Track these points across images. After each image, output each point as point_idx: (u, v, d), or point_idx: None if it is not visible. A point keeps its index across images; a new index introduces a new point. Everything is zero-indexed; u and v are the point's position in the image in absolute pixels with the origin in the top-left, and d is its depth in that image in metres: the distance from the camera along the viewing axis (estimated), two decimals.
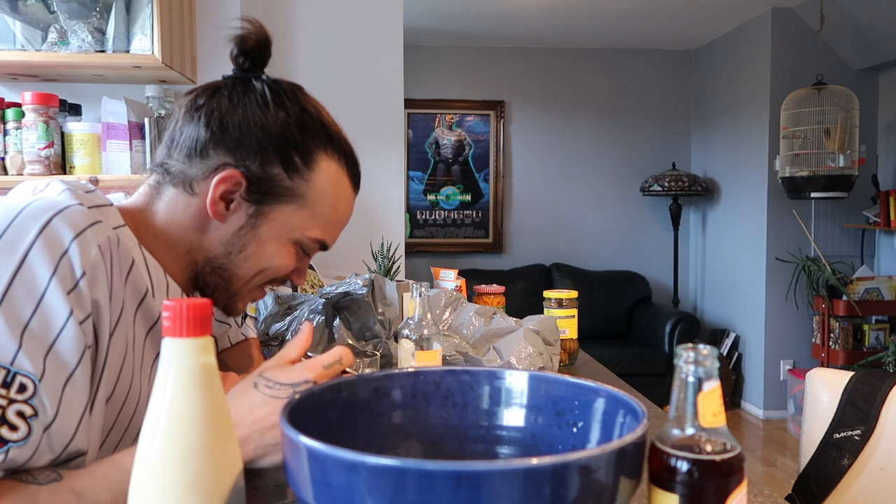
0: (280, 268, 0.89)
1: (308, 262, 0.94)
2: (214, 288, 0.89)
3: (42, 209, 0.71)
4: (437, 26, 4.69)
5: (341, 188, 0.89)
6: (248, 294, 0.91)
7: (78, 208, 0.73)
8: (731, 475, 0.51)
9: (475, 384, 0.68)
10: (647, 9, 4.27)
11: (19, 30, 1.93)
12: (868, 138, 4.29)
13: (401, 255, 2.37)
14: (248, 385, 0.74)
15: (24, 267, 0.67)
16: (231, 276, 0.88)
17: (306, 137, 0.85)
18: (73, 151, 1.96)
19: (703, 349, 0.52)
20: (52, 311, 0.68)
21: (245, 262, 0.87)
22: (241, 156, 0.82)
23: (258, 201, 0.84)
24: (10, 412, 0.64)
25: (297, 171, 0.84)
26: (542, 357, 1.26)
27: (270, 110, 0.83)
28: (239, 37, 0.85)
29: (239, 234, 0.85)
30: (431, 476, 0.43)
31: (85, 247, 0.71)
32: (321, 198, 0.87)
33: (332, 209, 0.89)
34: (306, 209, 0.86)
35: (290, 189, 0.85)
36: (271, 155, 0.83)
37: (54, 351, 0.68)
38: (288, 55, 2.43)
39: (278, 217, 0.85)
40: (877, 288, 4.05)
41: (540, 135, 5.23)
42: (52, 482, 0.65)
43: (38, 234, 0.69)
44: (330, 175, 0.87)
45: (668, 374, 4.34)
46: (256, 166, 0.83)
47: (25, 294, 0.67)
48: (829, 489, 1.14)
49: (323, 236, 0.90)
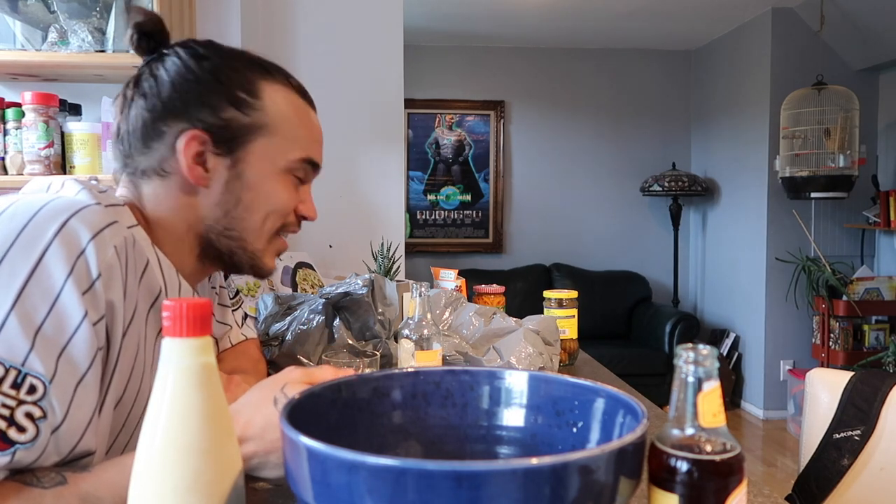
0: (283, 204, 0.89)
1: (309, 192, 0.95)
2: (231, 253, 0.89)
3: (61, 208, 0.71)
4: (437, 26, 4.69)
5: (297, 106, 0.90)
6: (269, 248, 0.91)
7: (96, 208, 0.73)
8: (731, 475, 0.51)
9: (475, 384, 0.68)
10: (647, 9, 4.27)
11: (19, 30, 1.93)
12: (868, 138, 4.29)
13: (401, 255, 2.37)
14: (267, 399, 0.73)
15: (41, 267, 0.67)
16: (241, 233, 0.87)
17: (240, 73, 0.86)
18: (73, 151, 1.96)
19: (702, 349, 0.52)
20: (66, 313, 0.67)
21: (247, 213, 0.87)
22: (191, 115, 0.83)
23: (230, 149, 0.84)
24: (18, 413, 0.64)
25: (248, 105, 0.85)
26: (542, 357, 1.26)
27: (194, 65, 0.84)
28: (136, 24, 0.86)
29: (228, 189, 0.85)
30: (431, 476, 0.43)
31: (102, 247, 0.71)
32: (284, 120, 0.87)
33: (300, 126, 0.89)
34: (277, 135, 0.87)
35: (251, 124, 0.85)
36: (217, 101, 0.83)
37: (67, 352, 0.67)
38: (288, 55, 2.43)
39: (255, 155, 0.85)
40: (877, 288, 4.05)
41: (540, 135, 5.23)
42: (56, 486, 0.65)
43: (55, 234, 0.69)
44: (280, 97, 0.88)
45: (668, 374, 4.34)
46: (210, 117, 0.83)
47: (40, 294, 0.67)
48: (829, 489, 1.14)
49: (307, 154, 0.90)
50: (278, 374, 0.77)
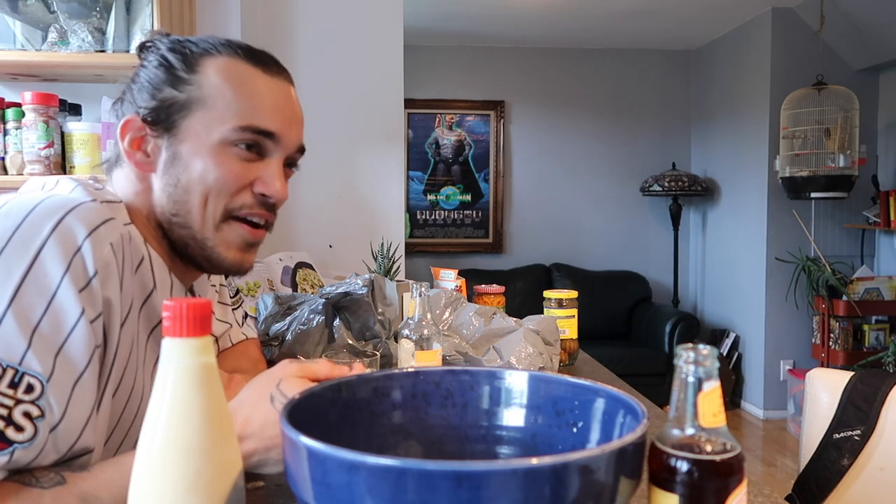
0: (222, 179, 0.82)
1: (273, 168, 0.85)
2: (184, 244, 0.84)
3: (56, 206, 0.71)
4: (437, 26, 4.69)
5: (239, 72, 0.84)
6: (220, 235, 0.84)
7: (91, 205, 0.73)
8: (731, 475, 0.51)
9: (475, 384, 0.68)
10: (647, 9, 4.27)
11: (19, 30, 1.93)
12: (868, 138, 4.29)
13: (401, 255, 2.37)
14: (264, 396, 0.73)
15: (37, 264, 0.67)
16: (185, 219, 0.83)
17: (182, 53, 0.85)
18: (73, 151, 1.96)
19: (703, 349, 0.52)
20: (63, 311, 0.67)
21: (186, 194, 0.82)
22: (136, 103, 0.84)
23: (165, 128, 0.82)
24: (16, 413, 0.63)
25: (183, 81, 0.83)
26: (542, 357, 1.26)
27: (147, 57, 0.86)
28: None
29: (168, 171, 0.83)
30: (431, 476, 0.43)
31: (98, 245, 0.71)
32: (218, 90, 0.82)
33: (240, 93, 0.83)
34: (210, 108, 0.82)
35: (185, 100, 0.82)
36: (158, 85, 0.83)
37: (64, 351, 0.67)
38: (288, 55, 2.43)
39: (188, 131, 0.82)
40: (877, 288, 4.05)
41: (540, 135, 5.23)
42: (56, 486, 0.64)
43: (51, 231, 0.68)
44: (218, 68, 0.83)
45: (668, 374, 4.34)
46: (149, 101, 0.83)
47: (37, 293, 0.67)
48: (829, 489, 1.14)
49: (247, 122, 0.82)
50: (273, 368, 0.77)
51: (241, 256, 0.87)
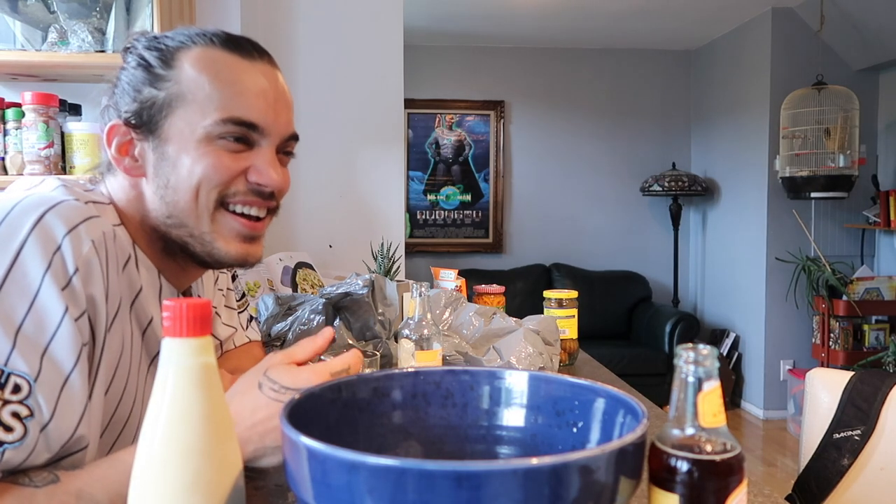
0: (212, 173, 0.80)
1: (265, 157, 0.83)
2: (184, 244, 0.83)
3: (35, 204, 0.70)
4: (437, 26, 4.69)
5: (215, 61, 0.82)
6: (217, 228, 0.82)
7: (72, 203, 0.73)
8: (731, 475, 0.51)
9: (475, 384, 0.68)
10: (647, 9, 4.27)
11: (19, 30, 1.93)
12: (868, 138, 4.29)
13: (401, 255, 2.37)
14: (252, 384, 0.73)
15: (18, 264, 0.67)
16: (180, 218, 0.81)
17: (159, 50, 0.83)
18: (73, 151, 1.95)
19: (703, 349, 0.52)
20: (46, 309, 0.67)
21: (177, 194, 0.80)
22: (119, 108, 0.83)
23: (150, 130, 0.81)
24: (4, 413, 0.63)
25: (161, 78, 0.81)
26: (542, 357, 1.26)
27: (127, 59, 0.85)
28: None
29: (158, 174, 0.81)
30: (431, 476, 0.43)
31: (77, 242, 0.70)
32: (196, 83, 0.80)
33: (219, 84, 0.80)
34: (191, 104, 0.80)
35: (165, 99, 0.80)
36: (137, 86, 0.82)
37: (50, 350, 0.67)
38: (288, 55, 2.43)
39: (172, 130, 0.80)
40: (877, 288, 4.05)
41: (540, 135, 5.23)
42: (49, 484, 0.64)
43: (31, 230, 0.68)
44: (194, 60, 0.81)
45: (668, 374, 4.34)
46: (129, 104, 0.82)
47: (18, 293, 0.66)
48: (829, 489, 1.14)
49: (229, 113, 0.80)
50: (261, 361, 0.77)
51: (243, 248, 0.85)
